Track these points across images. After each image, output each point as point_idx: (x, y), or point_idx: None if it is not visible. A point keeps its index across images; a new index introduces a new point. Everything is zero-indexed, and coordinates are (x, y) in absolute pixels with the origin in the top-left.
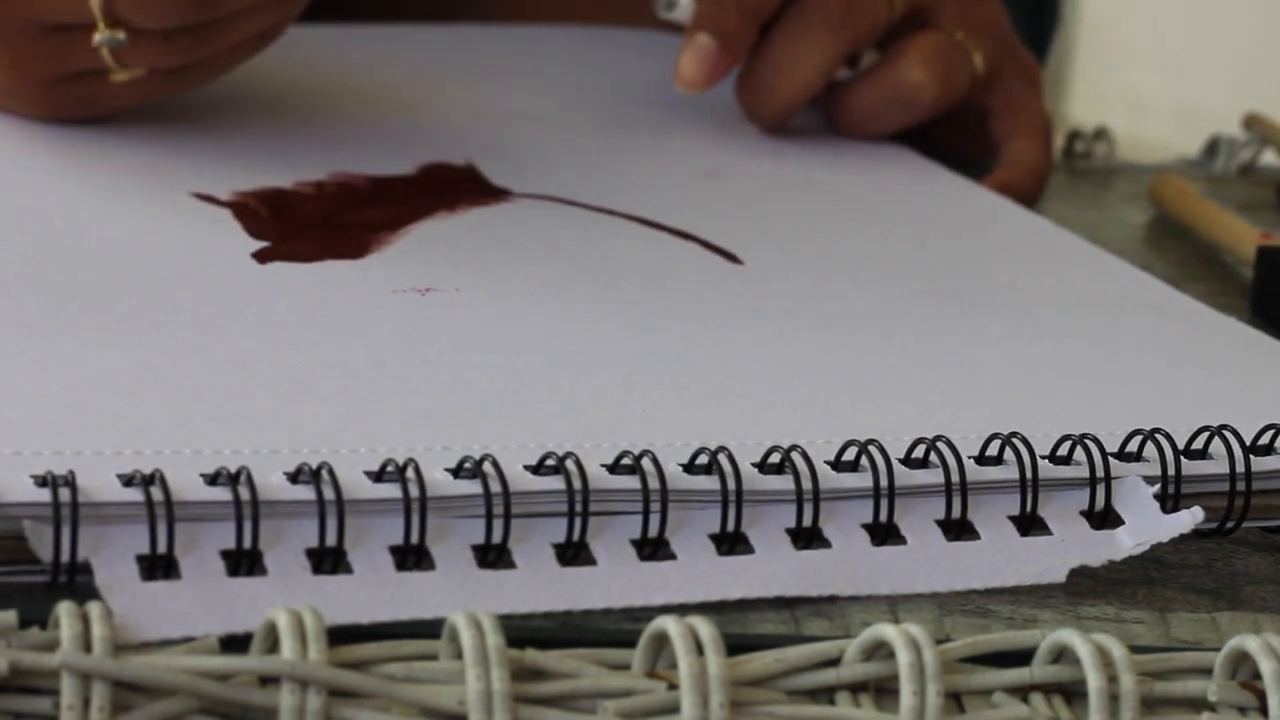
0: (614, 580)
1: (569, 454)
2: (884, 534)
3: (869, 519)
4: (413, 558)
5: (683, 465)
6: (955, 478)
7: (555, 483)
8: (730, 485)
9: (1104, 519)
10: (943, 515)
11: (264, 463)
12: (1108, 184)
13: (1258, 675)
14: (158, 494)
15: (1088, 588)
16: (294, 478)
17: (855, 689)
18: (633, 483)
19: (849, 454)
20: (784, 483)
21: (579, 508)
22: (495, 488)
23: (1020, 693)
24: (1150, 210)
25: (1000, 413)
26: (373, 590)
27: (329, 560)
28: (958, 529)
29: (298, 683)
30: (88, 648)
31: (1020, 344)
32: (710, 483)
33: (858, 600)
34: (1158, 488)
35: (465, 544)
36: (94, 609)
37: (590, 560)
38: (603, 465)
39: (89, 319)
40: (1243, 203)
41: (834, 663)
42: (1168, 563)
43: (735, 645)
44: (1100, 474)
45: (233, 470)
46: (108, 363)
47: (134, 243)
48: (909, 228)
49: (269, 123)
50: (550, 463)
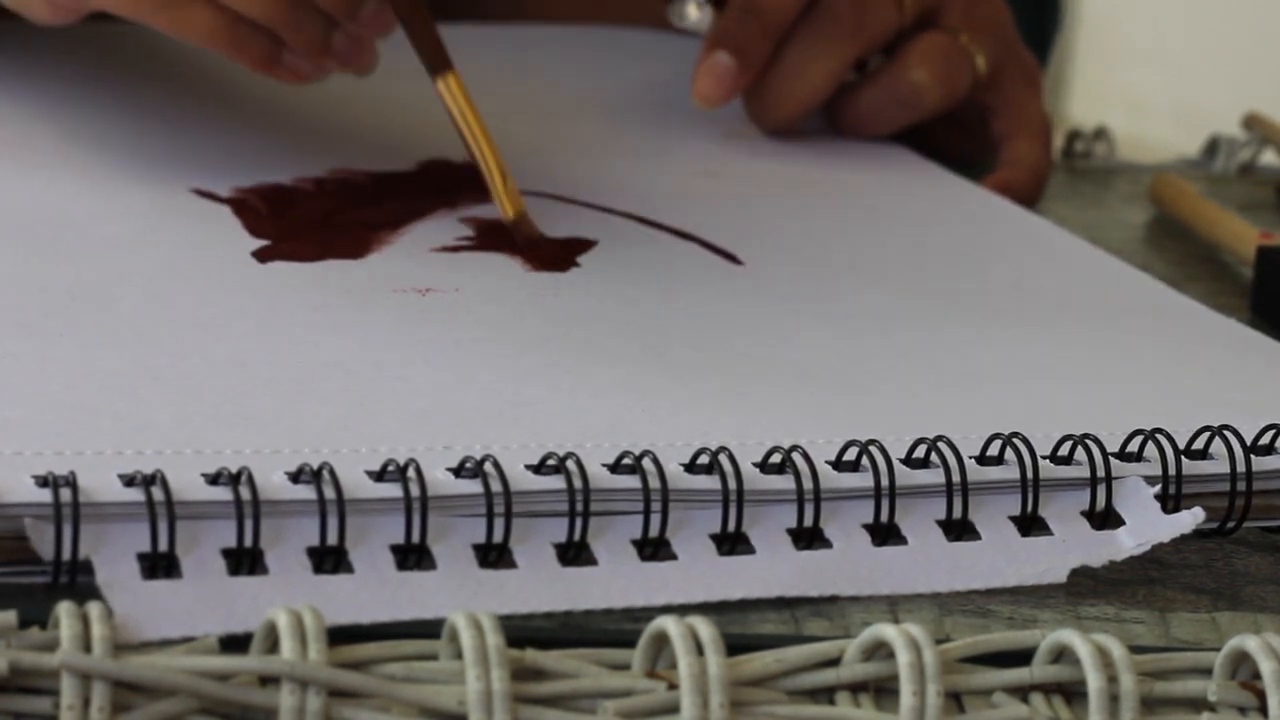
0: (614, 580)
1: (570, 454)
2: (884, 534)
3: (869, 519)
4: (413, 557)
5: (684, 465)
6: (956, 478)
7: (556, 482)
8: (731, 485)
9: (1104, 519)
10: (943, 515)
11: (265, 462)
12: (1108, 184)
13: (1258, 675)
14: (158, 494)
15: (1088, 588)
16: (295, 477)
17: (855, 689)
18: (633, 482)
19: (850, 454)
20: (785, 483)
21: (580, 507)
22: (496, 487)
23: (1020, 693)
24: (1150, 210)
25: (1000, 413)
26: (373, 590)
27: (330, 560)
28: (958, 529)
29: (298, 683)
30: (88, 648)
31: (1020, 344)
32: (711, 482)
33: (858, 600)
34: (1158, 488)
35: (466, 544)
36: (94, 609)
37: (591, 560)
38: (603, 465)
39: (89, 319)
40: (1243, 203)
41: (834, 663)
42: (1168, 563)
43: (735, 645)
44: (1101, 474)
45: (233, 470)
46: (108, 363)
47: (134, 241)
48: (909, 227)
49: (270, 119)
50: (551, 462)
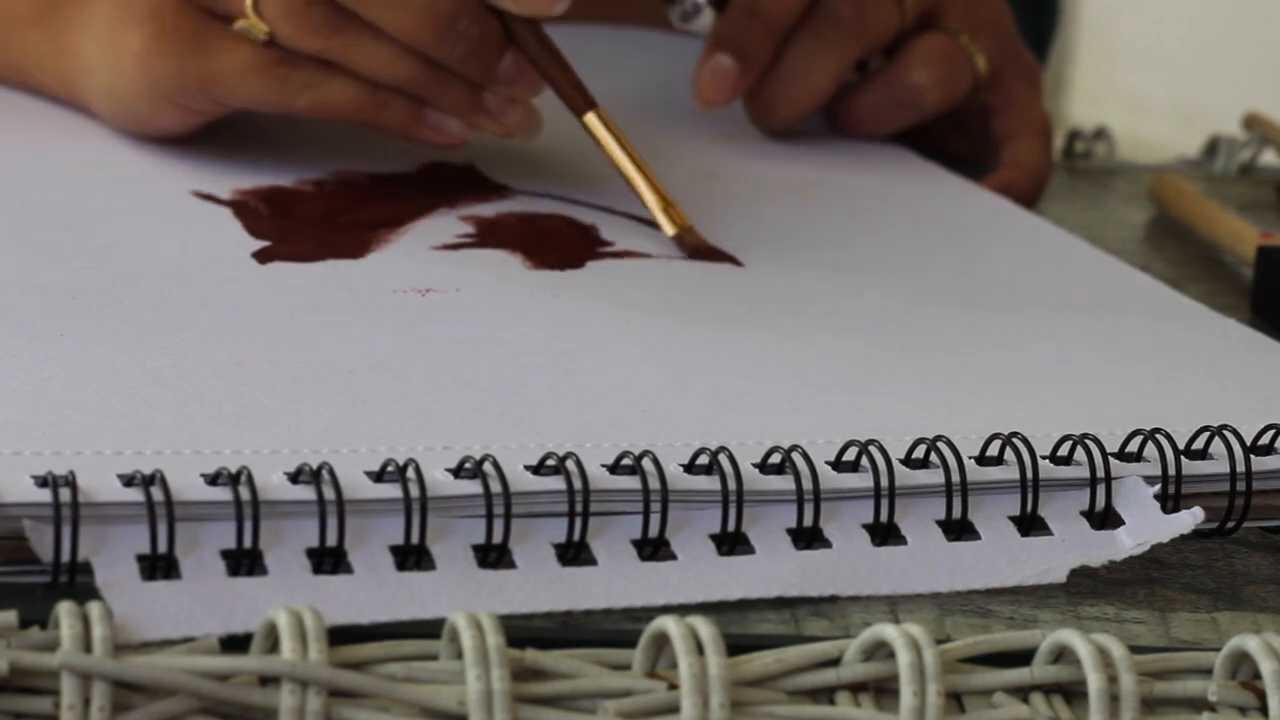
0: (614, 580)
1: (569, 454)
2: (884, 534)
3: (869, 519)
4: (413, 558)
5: (683, 465)
6: (955, 478)
7: (556, 483)
8: (731, 485)
9: (1104, 519)
10: (943, 515)
11: (264, 463)
12: (1108, 184)
13: (1258, 675)
14: (158, 494)
15: (1088, 588)
16: (294, 478)
17: (855, 689)
18: (633, 483)
19: (849, 454)
20: (784, 483)
21: (579, 508)
22: (496, 487)
23: (1020, 693)
24: (1150, 210)
25: (1000, 413)
26: (373, 590)
27: (329, 560)
28: (958, 529)
29: (298, 683)
30: (88, 648)
31: (1020, 344)
32: (711, 483)
33: (858, 600)
34: (1158, 488)
35: (465, 544)
36: (94, 609)
37: (590, 560)
38: (603, 465)
39: (89, 319)
40: (1243, 203)
41: (834, 663)
42: (1168, 563)
43: (735, 645)
44: (1100, 474)
45: (233, 470)
46: (108, 363)
47: (134, 242)
48: (909, 228)
49: (270, 121)
50: (551, 463)
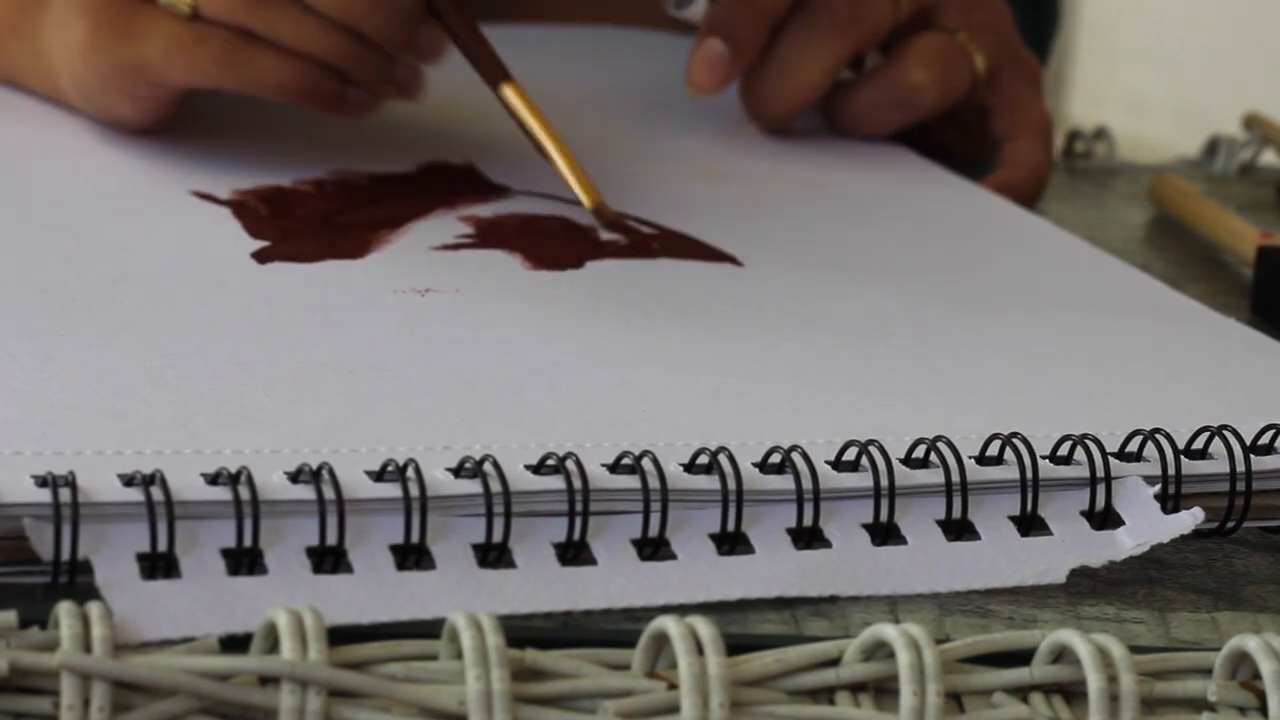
0: (614, 580)
1: (569, 454)
2: (884, 534)
3: (869, 519)
4: (413, 557)
5: (683, 465)
6: (955, 478)
7: (556, 482)
8: (730, 485)
9: (1104, 519)
10: (943, 515)
11: (264, 462)
12: (1108, 184)
13: (1258, 675)
14: (158, 494)
15: (1088, 588)
16: (294, 477)
17: (855, 689)
18: (633, 482)
19: (849, 454)
20: (784, 482)
21: (579, 507)
22: (495, 487)
23: (1020, 693)
24: (1150, 210)
25: (1000, 413)
26: (373, 590)
27: (329, 560)
28: (958, 529)
29: (298, 683)
30: (88, 648)
31: (1020, 344)
32: (710, 482)
33: (858, 600)
34: (1158, 488)
35: (465, 543)
36: (94, 609)
37: (590, 560)
38: (603, 465)
39: (89, 319)
40: (1243, 203)
41: (834, 663)
42: (1168, 563)
43: (735, 645)
44: (1100, 474)
45: (233, 470)
46: (108, 363)
47: (134, 242)
48: (909, 228)
49: (269, 121)
50: (551, 462)
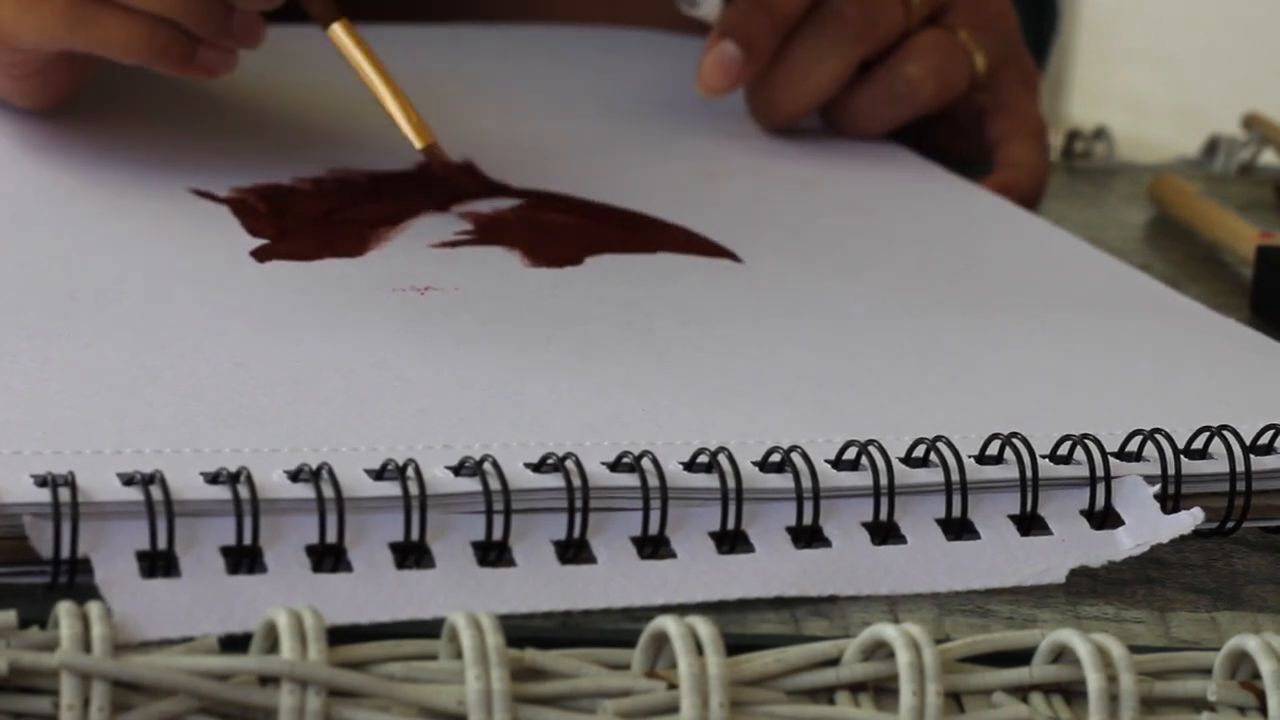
0: (613, 579)
1: (569, 453)
2: (884, 533)
3: (869, 518)
4: (413, 556)
5: (683, 464)
6: (955, 477)
7: (555, 481)
8: (730, 484)
9: (1104, 519)
10: (943, 515)
11: (264, 461)
12: (1107, 184)
13: (1257, 675)
14: (157, 493)
15: (1088, 588)
16: (294, 476)
17: (855, 689)
18: (633, 481)
19: (849, 453)
20: (784, 481)
21: (579, 506)
22: (495, 485)
23: (1020, 693)
24: (1150, 210)
25: (1000, 412)
26: (372, 589)
27: (329, 559)
28: (958, 529)
29: (297, 683)
30: (87, 648)
31: (1020, 344)
32: (710, 481)
33: (858, 600)
34: (1158, 488)
35: (465, 542)
36: (94, 609)
37: (590, 559)
38: (603, 463)
39: (89, 319)
40: (1242, 203)
41: (834, 663)
42: (1168, 563)
43: (735, 645)
44: (1100, 474)
45: (232, 469)
46: (107, 363)
47: (133, 241)
48: (909, 228)
49: (268, 118)
50: (550, 461)
